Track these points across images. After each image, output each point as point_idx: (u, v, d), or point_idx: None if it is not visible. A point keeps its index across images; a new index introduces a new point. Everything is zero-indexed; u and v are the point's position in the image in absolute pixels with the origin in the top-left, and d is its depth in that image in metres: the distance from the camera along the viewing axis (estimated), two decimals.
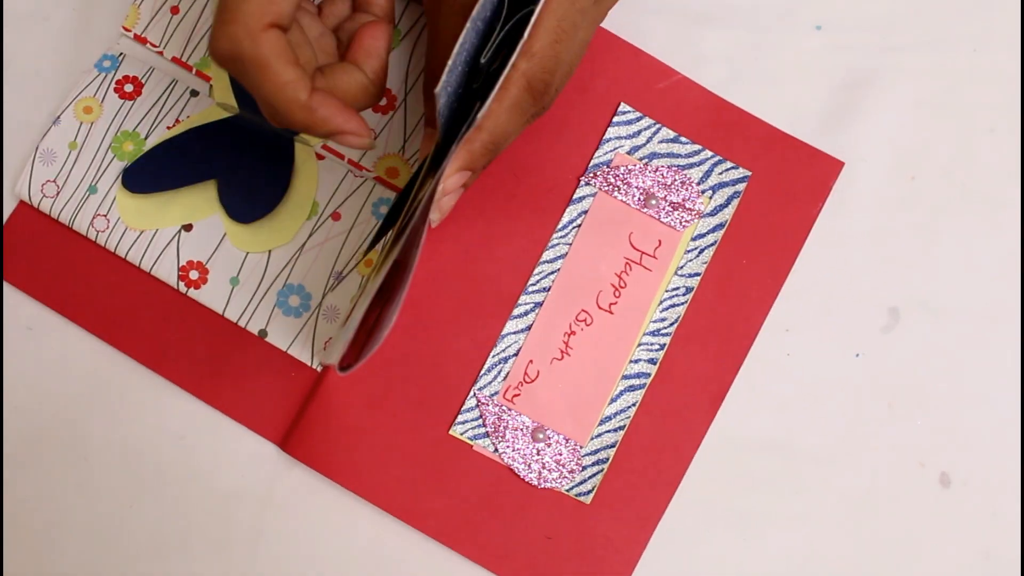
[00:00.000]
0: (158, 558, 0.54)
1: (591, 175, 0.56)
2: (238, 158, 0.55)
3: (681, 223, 0.56)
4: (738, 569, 0.54)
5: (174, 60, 0.57)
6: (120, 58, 0.57)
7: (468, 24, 0.42)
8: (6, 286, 0.55)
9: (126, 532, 0.54)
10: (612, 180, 0.56)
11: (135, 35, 0.57)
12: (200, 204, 0.55)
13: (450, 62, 0.41)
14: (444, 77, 0.41)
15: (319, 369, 0.54)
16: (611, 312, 0.55)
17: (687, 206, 0.56)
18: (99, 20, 0.58)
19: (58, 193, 0.55)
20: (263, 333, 0.54)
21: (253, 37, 0.42)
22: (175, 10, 0.57)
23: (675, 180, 0.56)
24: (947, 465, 0.55)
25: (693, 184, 0.56)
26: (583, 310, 0.55)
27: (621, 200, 0.56)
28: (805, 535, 0.54)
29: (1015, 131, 0.57)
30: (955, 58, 0.58)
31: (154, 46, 0.57)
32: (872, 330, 0.56)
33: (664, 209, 0.56)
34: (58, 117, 0.56)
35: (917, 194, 0.57)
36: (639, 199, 0.56)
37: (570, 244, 0.56)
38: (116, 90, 0.56)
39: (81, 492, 0.54)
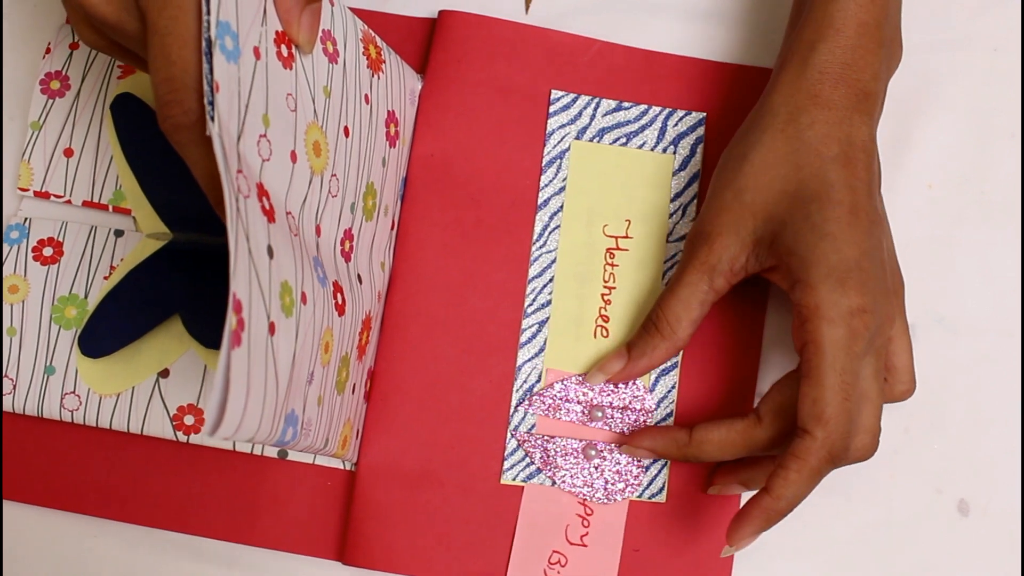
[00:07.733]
0: None
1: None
2: (192, 283, 0.51)
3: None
4: None
5: (86, 204, 0.53)
6: (27, 224, 0.52)
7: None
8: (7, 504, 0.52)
9: None
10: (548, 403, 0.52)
11: (35, 192, 0.53)
12: (169, 345, 0.50)
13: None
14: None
15: (351, 468, 0.51)
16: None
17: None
18: None
19: (14, 387, 0.50)
20: (283, 453, 0.51)
21: None
22: (69, 152, 0.53)
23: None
24: (966, 492, 0.52)
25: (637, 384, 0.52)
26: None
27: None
28: (817, 566, 0.51)
29: None
30: (974, 58, 0.55)
31: (59, 197, 0.53)
32: None
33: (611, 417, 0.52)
34: None
35: (934, 203, 0.54)
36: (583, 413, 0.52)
37: (553, 251, 0.53)
38: (36, 259, 0.52)
39: None
